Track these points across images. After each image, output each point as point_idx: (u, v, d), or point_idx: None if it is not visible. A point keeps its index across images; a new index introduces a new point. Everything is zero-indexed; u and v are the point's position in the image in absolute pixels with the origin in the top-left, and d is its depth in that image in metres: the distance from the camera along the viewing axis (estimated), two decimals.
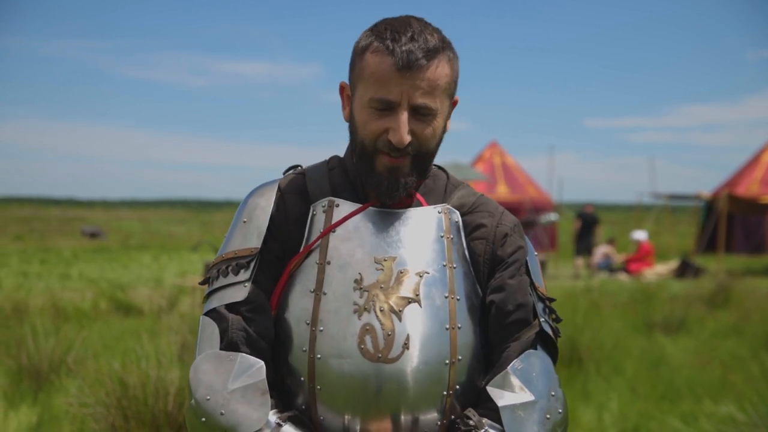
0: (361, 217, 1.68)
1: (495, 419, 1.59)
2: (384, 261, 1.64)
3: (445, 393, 1.61)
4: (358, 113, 1.66)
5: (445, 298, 1.64)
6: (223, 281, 1.68)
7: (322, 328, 1.61)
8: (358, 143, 1.67)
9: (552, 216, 22.03)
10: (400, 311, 1.60)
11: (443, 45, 1.64)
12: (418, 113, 1.61)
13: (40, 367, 6.08)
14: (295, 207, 1.72)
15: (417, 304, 1.61)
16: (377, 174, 1.64)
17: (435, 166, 1.80)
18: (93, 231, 34.24)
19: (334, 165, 1.78)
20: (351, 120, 1.69)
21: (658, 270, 18.54)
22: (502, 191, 23.55)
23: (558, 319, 1.77)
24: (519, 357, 1.64)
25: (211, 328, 1.64)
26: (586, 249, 19.16)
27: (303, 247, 1.67)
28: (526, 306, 1.68)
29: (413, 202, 1.72)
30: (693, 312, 10.24)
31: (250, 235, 1.69)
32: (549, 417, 1.61)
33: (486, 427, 1.59)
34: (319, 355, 1.60)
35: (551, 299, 1.76)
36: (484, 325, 1.69)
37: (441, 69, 1.62)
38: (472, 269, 1.70)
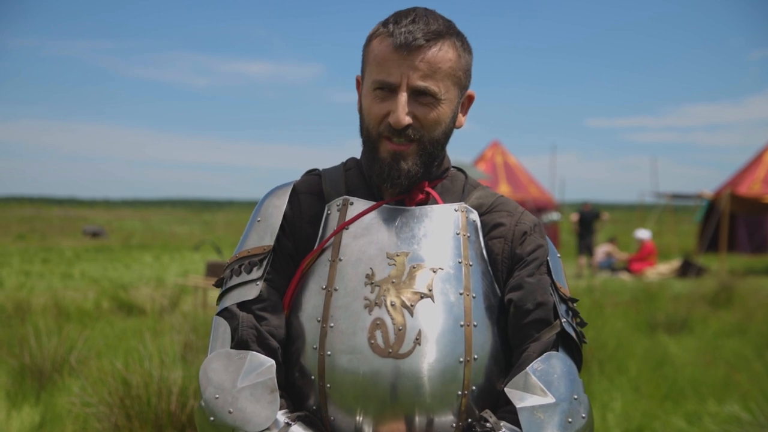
0: (375, 215, 1.66)
1: (514, 422, 1.54)
2: (396, 256, 1.61)
3: (460, 393, 1.57)
4: (364, 100, 1.66)
5: (460, 294, 1.59)
6: (236, 280, 1.67)
7: (332, 324, 1.58)
8: (363, 130, 1.66)
9: (554, 215, 22.02)
10: (412, 306, 1.57)
11: (448, 31, 1.62)
12: (420, 96, 1.59)
13: (42, 367, 6.06)
14: (310, 206, 1.71)
15: (430, 299, 1.58)
16: (380, 160, 1.63)
17: (454, 168, 1.78)
18: (95, 230, 34.24)
19: (350, 166, 1.78)
20: (359, 111, 1.69)
21: (660, 269, 18.52)
22: (504, 191, 23.54)
23: (582, 323, 1.71)
24: (539, 358, 1.59)
25: (223, 327, 1.64)
26: (586, 248, 19.14)
27: (317, 245, 1.66)
28: (545, 305, 1.63)
29: (429, 200, 1.70)
30: (696, 311, 10.22)
31: (263, 234, 1.69)
32: (571, 421, 1.54)
33: (503, 430, 1.53)
34: (329, 352, 1.57)
35: (574, 300, 1.71)
36: (502, 326, 1.64)
37: (443, 53, 1.60)
38: (490, 268, 1.66)
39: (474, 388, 1.58)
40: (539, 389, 1.55)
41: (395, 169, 1.62)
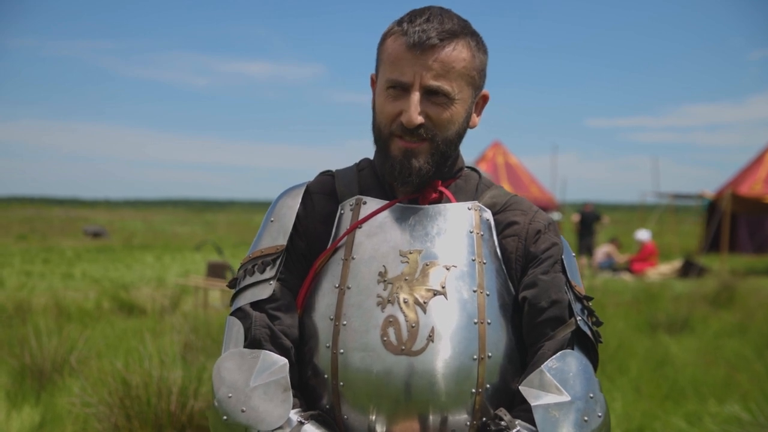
0: (389, 213, 1.66)
1: (529, 420, 1.53)
2: (409, 254, 1.61)
3: (474, 391, 1.55)
4: (378, 99, 1.66)
5: (474, 292, 1.59)
6: (250, 280, 1.67)
7: (345, 322, 1.58)
8: (376, 129, 1.67)
9: (555, 215, 22.02)
10: (425, 303, 1.56)
11: (463, 31, 1.62)
12: (432, 96, 1.59)
13: (42, 367, 6.07)
14: (323, 206, 1.72)
15: (443, 296, 1.57)
16: (391, 158, 1.63)
17: (468, 167, 1.79)
18: (96, 231, 34.27)
19: (363, 166, 1.78)
20: (372, 109, 1.69)
21: (661, 270, 18.51)
22: None
23: (598, 322, 1.70)
24: (554, 356, 1.57)
25: (237, 326, 1.64)
26: (587, 248, 19.14)
27: (330, 245, 1.66)
28: (560, 303, 1.62)
29: (442, 198, 1.70)
30: (697, 312, 10.21)
31: (276, 234, 1.70)
32: (587, 420, 1.52)
33: (518, 428, 1.52)
34: (342, 350, 1.56)
35: (589, 298, 1.70)
36: (517, 325, 1.64)
37: (457, 52, 1.60)
38: (503, 267, 1.66)
39: (488, 386, 1.57)
40: (554, 387, 1.54)
41: (406, 167, 1.62)
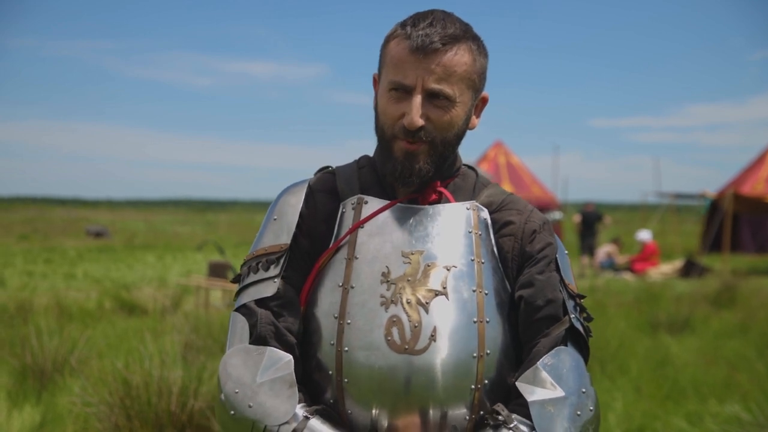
0: (390, 213, 1.69)
1: (525, 415, 1.58)
2: (411, 255, 1.65)
3: (473, 387, 1.61)
4: (380, 100, 1.69)
5: (473, 291, 1.64)
6: (254, 277, 1.70)
7: (349, 321, 1.62)
8: (378, 130, 1.70)
9: (556, 215, 22.03)
10: (427, 303, 1.61)
11: (465, 35, 1.65)
12: (434, 99, 1.63)
13: (43, 367, 6.08)
14: (325, 204, 1.74)
15: (444, 296, 1.62)
16: (393, 159, 1.66)
17: (465, 165, 1.82)
18: (98, 231, 34.32)
19: (363, 164, 1.81)
20: (375, 110, 1.72)
21: (663, 269, 18.52)
22: (506, 190, 23.52)
23: (589, 318, 1.76)
24: (549, 353, 1.63)
25: (241, 323, 1.67)
26: (588, 248, 19.14)
27: (332, 243, 1.69)
28: (555, 302, 1.67)
29: (441, 198, 1.74)
30: (698, 311, 10.21)
31: (280, 232, 1.72)
32: (580, 414, 1.59)
33: (515, 422, 1.57)
34: (347, 348, 1.61)
35: (581, 296, 1.75)
36: (513, 322, 1.69)
37: (459, 56, 1.63)
38: (500, 265, 1.70)
39: (486, 382, 1.62)
40: (549, 383, 1.60)
41: (407, 169, 1.65)
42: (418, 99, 1.61)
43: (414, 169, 1.65)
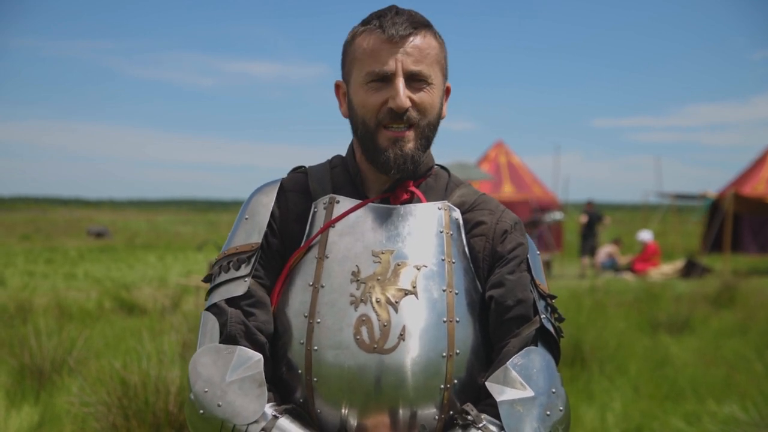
0: (361, 213, 1.70)
1: (494, 415, 1.58)
2: (382, 254, 1.65)
3: (443, 387, 1.61)
4: (356, 97, 1.69)
5: (443, 291, 1.64)
6: (225, 276, 1.71)
7: (319, 320, 1.62)
8: (360, 125, 1.69)
9: (557, 215, 22.00)
10: (396, 303, 1.61)
11: (429, 23, 1.70)
12: (414, 81, 1.65)
13: (42, 367, 6.09)
14: (297, 204, 1.75)
15: (414, 296, 1.62)
16: (382, 149, 1.66)
17: (438, 165, 1.82)
18: (99, 231, 34.36)
19: (336, 164, 1.81)
20: (350, 110, 1.72)
21: (664, 270, 18.49)
22: (507, 191, 23.54)
23: (560, 318, 1.76)
24: (519, 353, 1.63)
25: (212, 322, 1.69)
26: (589, 248, 19.12)
27: (303, 243, 1.69)
28: (525, 302, 1.67)
29: (413, 198, 1.74)
30: (698, 312, 10.20)
31: (251, 232, 1.73)
32: (549, 414, 1.59)
33: (484, 422, 1.58)
34: (316, 347, 1.60)
35: (552, 296, 1.76)
36: (483, 322, 1.68)
37: (429, 40, 1.67)
38: (471, 266, 1.70)
39: (456, 382, 1.63)
40: (519, 383, 1.60)
41: (399, 155, 1.65)
42: (400, 81, 1.63)
43: (406, 154, 1.65)
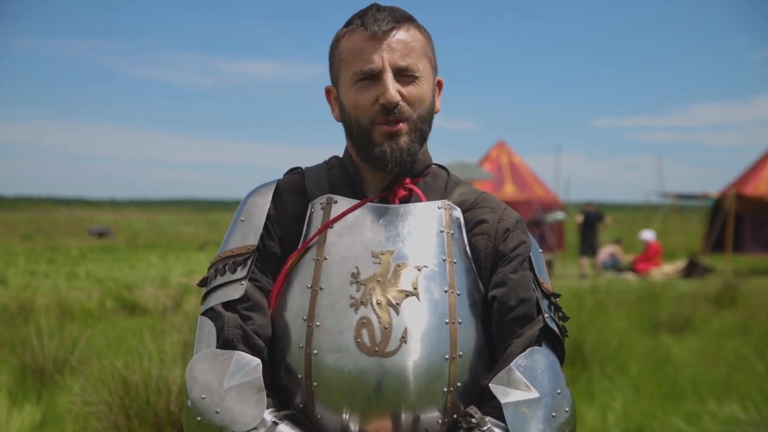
0: (360, 213, 1.66)
1: (499, 417, 1.55)
2: (381, 255, 1.62)
3: (446, 390, 1.57)
4: (346, 98, 1.67)
5: (445, 292, 1.60)
6: (221, 280, 1.67)
7: (318, 323, 1.58)
8: (354, 126, 1.67)
9: (558, 214, 21.98)
10: (397, 304, 1.57)
11: (412, 17, 1.69)
12: (402, 75, 1.63)
13: (44, 366, 6.09)
14: (294, 205, 1.71)
15: (415, 297, 1.58)
16: (378, 146, 1.64)
17: (436, 164, 1.79)
18: (101, 230, 34.37)
19: (333, 164, 1.78)
20: (342, 112, 1.70)
21: (665, 270, 18.47)
22: (509, 190, 23.52)
23: (564, 317, 1.73)
24: (523, 354, 1.59)
25: (208, 327, 1.63)
26: (590, 248, 19.10)
27: (301, 244, 1.66)
28: (529, 301, 1.64)
29: (412, 197, 1.71)
30: (699, 311, 10.19)
31: (247, 234, 1.69)
32: (555, 415, 1.56)
33: (489, 425, 1.54)
34: (316, 351, 1.57)
35: (556, 295, 1.72)
36: (486, 322, 1.65)
37: (413, 33, 1.66)
38: (473, 265, 1.67)
39: (459, 384, 1.59)
40: (523, 384, 1.56)
41: (395, 149, 1.63)
42: (389, 76, 1.61)
43: (402, 147, 1.63)
